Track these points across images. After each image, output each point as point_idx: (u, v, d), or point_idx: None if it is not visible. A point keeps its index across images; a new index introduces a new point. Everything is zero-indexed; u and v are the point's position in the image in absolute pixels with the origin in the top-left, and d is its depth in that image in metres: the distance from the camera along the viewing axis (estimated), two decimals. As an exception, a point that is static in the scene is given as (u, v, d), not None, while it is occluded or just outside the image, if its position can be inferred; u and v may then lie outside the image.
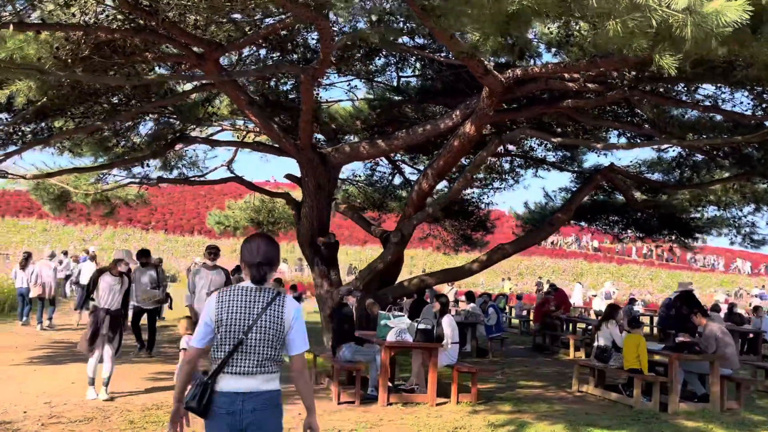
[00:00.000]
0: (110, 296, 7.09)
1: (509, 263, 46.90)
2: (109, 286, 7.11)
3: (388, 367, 7.23)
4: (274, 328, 2.94)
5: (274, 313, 2.94)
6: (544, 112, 10.18)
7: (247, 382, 2.89)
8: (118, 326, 7.18)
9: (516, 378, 10.14)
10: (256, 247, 3.01)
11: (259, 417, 2.89)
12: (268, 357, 2.93)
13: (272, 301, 2.95)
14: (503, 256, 11.39)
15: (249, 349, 2.91)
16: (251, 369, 2.90)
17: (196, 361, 3.04)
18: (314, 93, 8.98)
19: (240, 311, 2.92)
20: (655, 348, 8.40)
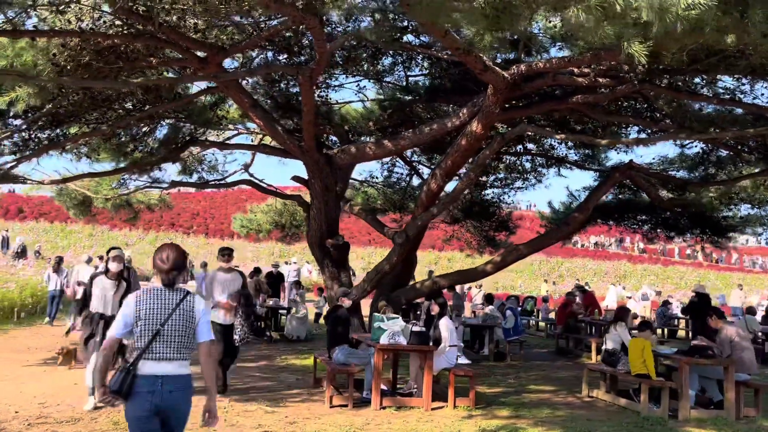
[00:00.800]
0: (104, 300, 6.65)
1: (550, 265, 46.23)
2: (102, 289, 6.66)
3: (381, 370, 7.10)
4: (186, 321, 3.46)
5: (186, 309, 3.47)
6: (555, 109, 9.93)
7: (165, 366, 3.38)
8: None
9: (528, 382, 9.87)
10: (166, 256, 3.51)
11: (176, 397, 3.39)
12: (183, 345, 3.45)
13: (183, 298, 3.49)
14: (518, 257, 11.14)
15: (166, 339, 3.39)
16: (169, 355, 3.39)
17: (113, 349, 3.49)
18: (314, 94, 8.92)
19: (157, 308, 3.42)
20: (666, 352, 8.04)
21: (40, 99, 7.60)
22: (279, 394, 7.79)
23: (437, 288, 11.28)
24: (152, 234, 43.83)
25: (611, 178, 11.20)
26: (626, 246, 54.18)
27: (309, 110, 8.96)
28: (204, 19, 8.66)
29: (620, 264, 48.16)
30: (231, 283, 7.50)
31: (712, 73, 8.50)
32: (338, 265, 10.68)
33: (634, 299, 21.36)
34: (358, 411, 6.98)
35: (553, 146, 13.32)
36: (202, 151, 13.40)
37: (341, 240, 10.34)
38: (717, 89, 9.33)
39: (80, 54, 7.78)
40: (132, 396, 3.28)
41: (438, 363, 7.61)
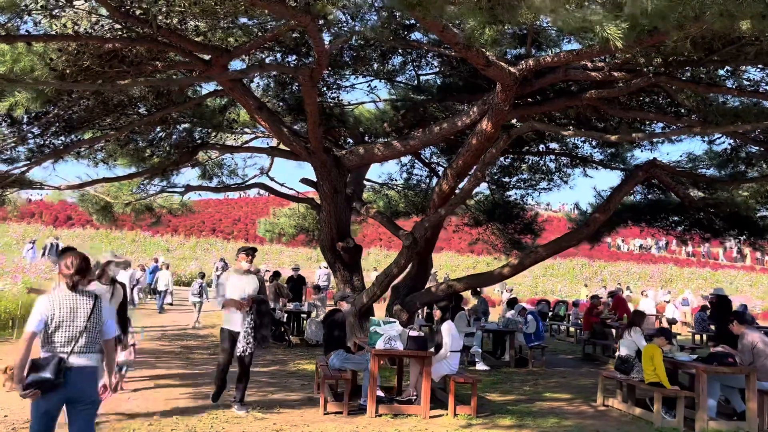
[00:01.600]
0: None
1: (592, 269, 45.16)
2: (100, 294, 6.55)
3: (377, 375, 6.87)
4: (97, 320, 3.99)
5: (98, 310, 4.01)
6: (569, 105, 9.56)
7: (80, 359, 3.86)
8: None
9: (545, 389, 9.50)
10: (70, 261, 3.98)
11: (86, 385, 3.89)
12: (94, 341, 3.96)
13: (95, 300, 4.03)
14: (536, 259, 10.77)
15: (82, 336, 3.89)
16: (83, 350, 3.89)
17: (31, 342, 3.79)
18: (317, 94, 8.77)
19: (67, 307, 3.88)
20: (684, 359, 7.59)
21: (39, 104, 7.63)
22: (277, 400, 7.64)
23: (452, 292, 10.98)
24: (193, 240, 44.54)
25: (634, 177, 10.73)
26: (672, 249, 52.58)
27: (312, 111, 8.82)
28: (205, 21, 8.64)
29: (666, 268, 46.74)
30: (246, 286, 6.81)
31: (732, 64, 8.05)
32: (350, 268, 10.51)
33: (673, 304, 20.56)
34: (352, 419, 6.77)
35: (576, 145, 12.90)
36: (221, 155, 13.42)
37: (351, 243, 10.16)
38: (742, 81, 8.84)
39: (80, 58, 7.79)
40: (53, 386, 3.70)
41: (439, 369, 7.35)
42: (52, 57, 7.35)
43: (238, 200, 62.54)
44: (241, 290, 6.80)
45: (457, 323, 11.53)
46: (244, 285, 6.84)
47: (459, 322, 11.54)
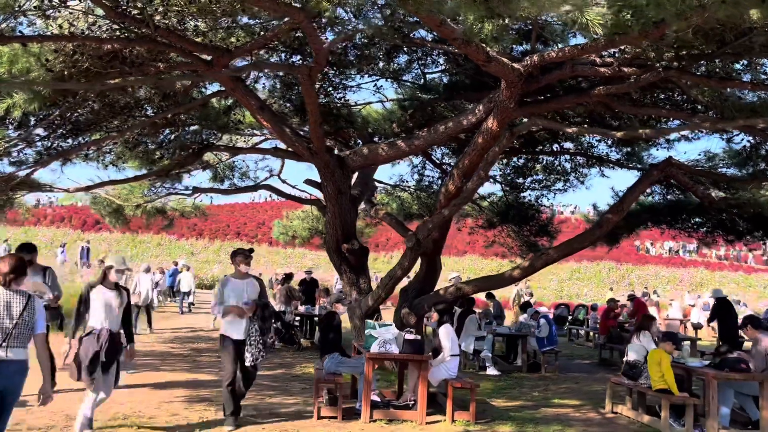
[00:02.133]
0: (108, 313, 5.70)
1: (619, 273, 44.37)
2: (104, 301, 5.70)
3: (371, 380, 6.69)
4: (30, 317, 4.23)
5: (30, 308, 4.25)
6: (578, 102, 9.28)
7: (12, 352, 4.11)
8: (117, 352, 5.79)
9: (555, 395, 9.22)
10: (5, 263, 4.23)
11: (15, 378, 4.16)
12: (25, 336, 4.21)
13: (28, 299, 4.26)
14: (546, 262, 10.46)
15: (15, 331, 4.14)
16: (15, 344, 4.14)
17: None
18: (317, 93, 8.63)
19: (4, 304, 4.15)
20: (695, 365, 7.26)
21: (37, 105, 7.62)
22: (274, 404, 7.51)
23: (461, 295, 10.75)
24: (217, 243, 44.85)
25: (648, 177, 10.37)
26: (704, 252, 51.44)
27: (313, 110, 8.69)
28: (204, 21, 8.57)
29: (696, 271, 45.72)
30: (246, 291, 6.31)
31: (747, 57, 7.71)
32: (356, 271, 10.34)
33: (698, 307, 20.01)
34: (345, 424, 6.60)
35: (591, 144, 12.56)
36: (231, 157, 13.38)
37: (357, 245, 9.99)
38: (758, 75, 8.48)
39: (79, 60, 7.77)
40: None
41: (437, 374, 7.15)
42: (48, 58, 7.32)
43: (263, 204, 62.96)
44: (242, 295, 6.31)
45: (468, 327, 11.35)
46: (244, 289, 6.34)
47: (469, 326, 11.34)
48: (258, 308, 6.31)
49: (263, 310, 6.38)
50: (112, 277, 5.84)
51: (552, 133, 12.07)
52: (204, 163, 13.19)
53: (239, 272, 6.47)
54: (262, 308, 6.38)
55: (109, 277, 5.85)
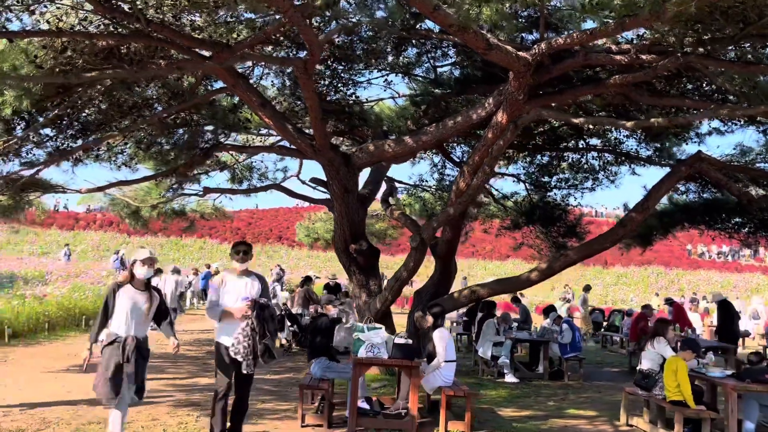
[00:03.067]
0: (135, 318, 5.04)
1: (668, 278, 42.76)
2: (131, 303, 5.04)
3: (358, 386, 6.31)
4: None
5: None
6: (594, 93, 8.74)
7: None
8: (144, 361, 5.14)
9: (571, 405, 8.66)
10: None
11: None
12: None
13: None
14: (566, 263, 9.90)
15: None
16: None
17: None
18: (315, 87, 8.32)
19: None
20: (716, 375, 6.64)
21: (29, 103, 7.54)
22: (265, 409, 7.22)
23: (476, 298, 10.27)
24: (258, 247, 45.08)
25: (675, 173, 9.71)
26: (761, 257, 49.24)
27: (313, 105, 8.38)
28: (200, 15, 8.39)
29: (753, 276, 43.71)
30: (245, 290, 5.49)
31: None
32: (366, 272, 9.98)
33: (746, 315, 18.92)
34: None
35: (620, 140, 11.91)
36: (250, 157, 13.22)
37: (365, 245, 9.63)
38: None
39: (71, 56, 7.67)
40: None
41: (432, 380, 6.72)
42: (37, 54, 7.23)
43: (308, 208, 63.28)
44: (240, 295, 5.49)
45: (485, 332, 10.86)
46: (243, 289, 5.50)
47: (487, 331, 10.86)
48: (256, 306, 5.39)
49: (261, 310, 5.44)
50: (139, 274, 5.12)
51: (576, 128, 11.48)
52: (221, 164, 13.08)
53: (235, 269, 5.60)
54: (261, 308, 5.44)
55: (135, 275, 5.15)
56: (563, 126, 11.40)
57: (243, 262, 5.55)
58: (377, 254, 10.21)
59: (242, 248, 5.66)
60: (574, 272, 43.89)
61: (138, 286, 5.14)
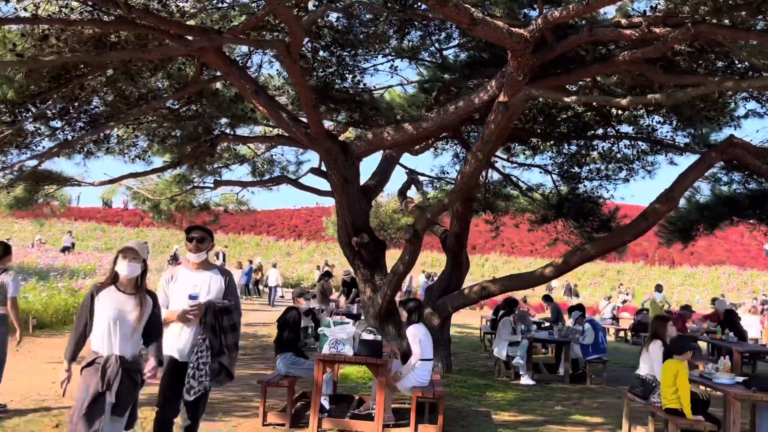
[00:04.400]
0: (120, 330, 3.82)
1: (742, 279, 40.36)
2: (113, 311, 3.83)
3: (321, 384, 5.93)
4: None
5: None
6: (604, 72, 8.06)
7: None
8: (134, 387, 3.90)
9: (579, 411, 8.00)
10: None
11: None
12: None
13: None
14: (583, 258, 9.21)
15: None
16: None
17: None
18: (301, 71, 7.97)
19: None
20: (724, 381, 5.89)
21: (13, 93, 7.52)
22: (236, 405, 6.93)
23: (486, 295, 9.71)
24: (313, 244, 45.41)
25: (705, 160, 8.88)
26: None
27: (303, 91, 8.05)
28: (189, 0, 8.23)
29: (836, 279, 40.71)
30: (201, 289, 4.36)
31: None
32: (371, 267, 9.56)
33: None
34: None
35: (653, 127, 11.05)
36: (269, 150, 13.05)
37: (366, 238, 9.21)
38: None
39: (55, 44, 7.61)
40: None
41: (405, 380, 6.26)
42: (15, 42, 7.19)
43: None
44: (189, 292, 4.36)
45: (501, 331, 10.27)
46: (197, 287, 4.37)
47: (502, 330, 10.28)
48: (208, 311, 4.25)
49: (217, 317, 4.28)
50: (122, 271, 3.86)
51: (602, 115, 10.74)
52: (240, 157, 12.96)
53: (190, 258, 4.44)
54: (217, 313, 4.29)
55: (118, 273, 3.90)
56: (587, 112, 10.67)
57: (197, 252, 4.39)
58: (383, 248, 9.79)
59: (196, 235, 4.43)
60: (637, 272, 42.13)
61: (125, 288, 3.90)
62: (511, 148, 12.09)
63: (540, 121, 11.04)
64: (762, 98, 8.92)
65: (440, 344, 10.03)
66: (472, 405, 7.90)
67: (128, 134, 10.59)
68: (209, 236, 4.54)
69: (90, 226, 43.84)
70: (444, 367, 9.94)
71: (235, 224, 50.87)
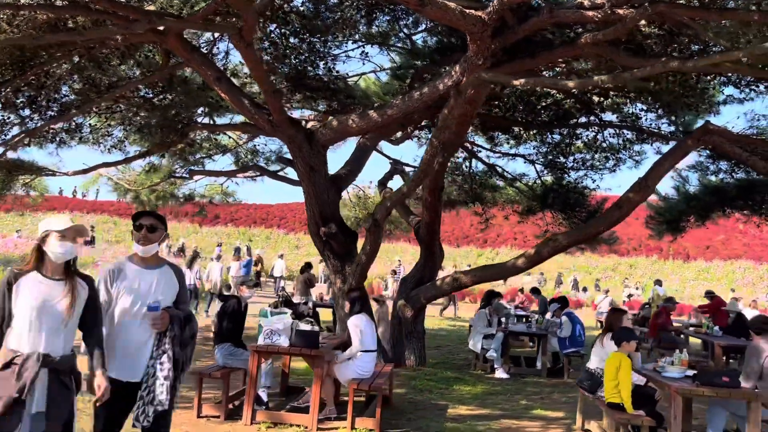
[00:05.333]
0: (45, 323, 3.15)
1: (757, 273, 39.55)
2: (37, 300, 3.15)
3: (255, 375, 5.78)
4: None
5: None
6: (568, 55, 7.77)
7: None
8: (68, 394, 3.21)
9: (542, 406, 7.76)
10: None
11: None
12: None
13: None
14: (555, 249, 8.95)
15: None
16: None
17: None
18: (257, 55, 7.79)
19: None
20: (673, 374, 5.62)
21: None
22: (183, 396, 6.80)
23: (457, 286, 9.49)
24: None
25: (680, 148, 8.57)
26: None
27: (259, 77, 7.88)
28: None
29: None
30: (153, 288, 3.54)
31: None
32: (342, 258, 9.38)
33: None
34: (221, 425, 5.76)
35: (637, 115, 10.72)
36: (251, 141, 12.93)
37: (334, 228, 9.02)
38: None
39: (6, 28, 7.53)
40: None
41: (346, 371, 6.08)
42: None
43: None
44: (144, 295, 3.52)
45: (476, 323, 10.07)
46: (151, 286, 3.55)
47: (478, 322, 10.07)
48: (174, 322, 3.49)
49: (183, 329, 3.55)
50: (55, 252, 3.16)
51: (582, 102, 10.45)
52: (222, 147, 12.85)
53: (138, 251, 3.56)
54: (181, 324, 3.55)
55: (48, 255, 3.20)
56: (566, 99, 10.39)
57: (147, 244, 3.52)
58: (354, 238, 9.59)
59: (146, 222, 3.56)
60: (650, 266, 41.47)
61: (51, 274, 3.22)
62: (495, 138, 11.81)
63: (520, 110, 10.77)
64: (741, 84, 8.58)
65: (413, 336, 9.85)
66: (433, 398, 7.70)
67: (101, 123, 10.51)
68: (162, 224, 3.67)
69: (101, 219, 44.21)
70: (417, 360, 9.77)
71: (246, 218, 51.15)
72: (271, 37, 9.63)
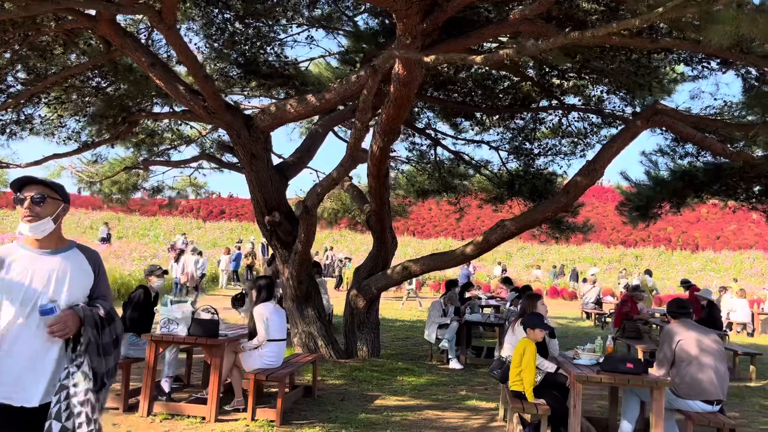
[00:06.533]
0: None
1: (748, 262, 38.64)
2: None
3: (152, 365, 5.59)
4: None
5: None
6: (501, 33, 7.50)
7: None
8: None
9: (475, 397, 7.48)
10: None
11: None
12: None
13: None
14: (503, 236, 8.66)
15: None
16: None
17: None
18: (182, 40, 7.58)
19: None
20: (583, 362, 5.34)
21: None
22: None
23: (408, 275, 9.25)
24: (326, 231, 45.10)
25: (629, 129, 8.24)
26: None
27: (188, 61, 7.67)
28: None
29: None
30: (53, 281, 2.64)
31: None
32: (289, 247, 9.18)
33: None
34: (117, 416, 5.58)
35: (600, 98, 10.38)
36: (216, 131, 12.74)
37: (278, 217, 8.81)
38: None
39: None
40: None
41: (251, 362, 5.88)
42: None
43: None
44: (40, 292, 2.62)
45: (431, 312, 9.83)
46: (51, 278, 2.65)
47: (432, 312, 9.83)
48: (87, 324, 2.61)
49: (100, 330, 2.65)
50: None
51: (540, 86, 10.13)
52: (186, 138, 12.70)
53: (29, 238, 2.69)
54: (98, 324, 2.65)
55: None
56: (522, 82, 10.09)
57: (35, 220, 2.64)
58: (301, 227, 9.37)
59: (29, 192, 2.66)
60: (657, 257, 40.77)
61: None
62: (458, 124, 11.53)
63: (479, 94, 10.48)
64: (692, 61, 8.22)
65: (366, 327, 9.63)
66: (369, 390, 7.48)
67: (51, 113, 10.38)
68: (56, 192, 2.72)
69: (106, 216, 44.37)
70: (369, 351, 9.54)
71: (251, 213, 51.16)
72: (215, 23, 9.45)
